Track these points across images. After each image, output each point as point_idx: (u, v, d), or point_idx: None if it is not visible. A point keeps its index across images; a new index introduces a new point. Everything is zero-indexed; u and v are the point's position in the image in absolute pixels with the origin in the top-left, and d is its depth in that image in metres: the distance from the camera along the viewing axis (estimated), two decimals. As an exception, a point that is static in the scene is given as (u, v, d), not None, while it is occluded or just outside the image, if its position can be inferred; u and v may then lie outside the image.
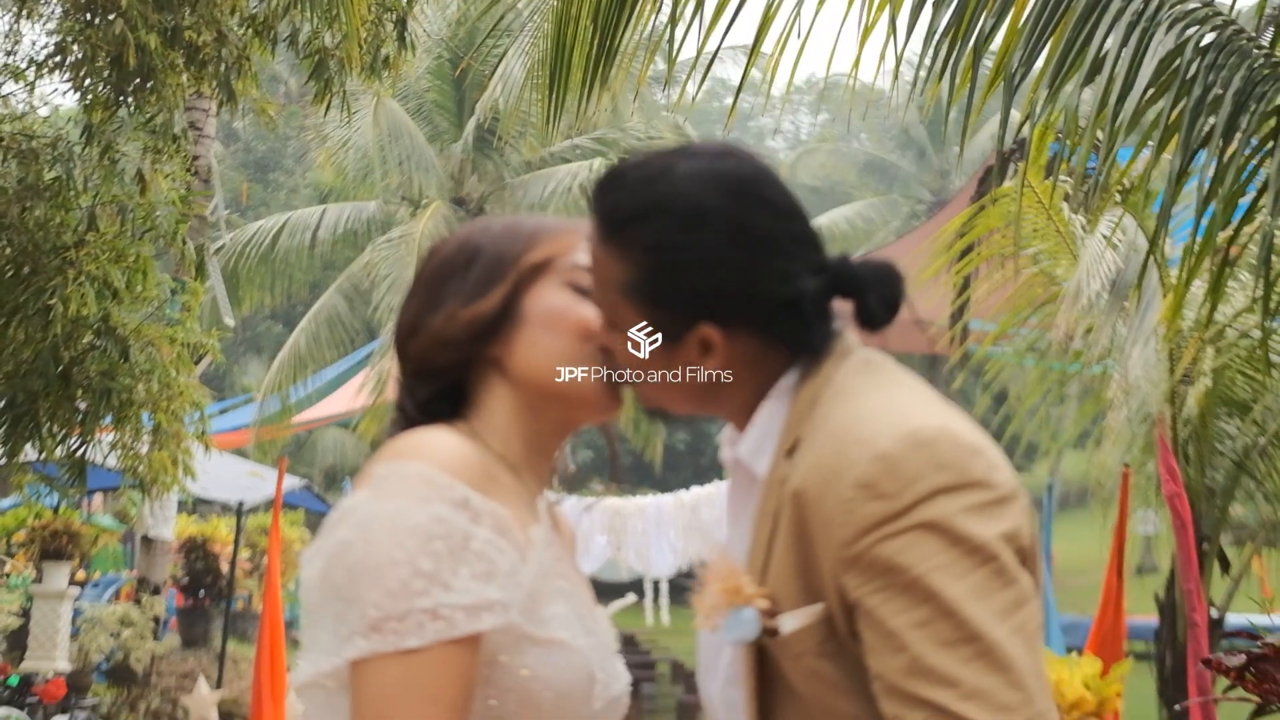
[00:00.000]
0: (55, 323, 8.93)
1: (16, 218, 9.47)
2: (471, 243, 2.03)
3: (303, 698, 1.83)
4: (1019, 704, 1.53)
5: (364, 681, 1.71)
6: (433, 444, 1.84)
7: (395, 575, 1.71)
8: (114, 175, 9.60)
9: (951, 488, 1.59)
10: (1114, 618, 9.60)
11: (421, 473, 1.78)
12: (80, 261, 9.18)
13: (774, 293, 1.78)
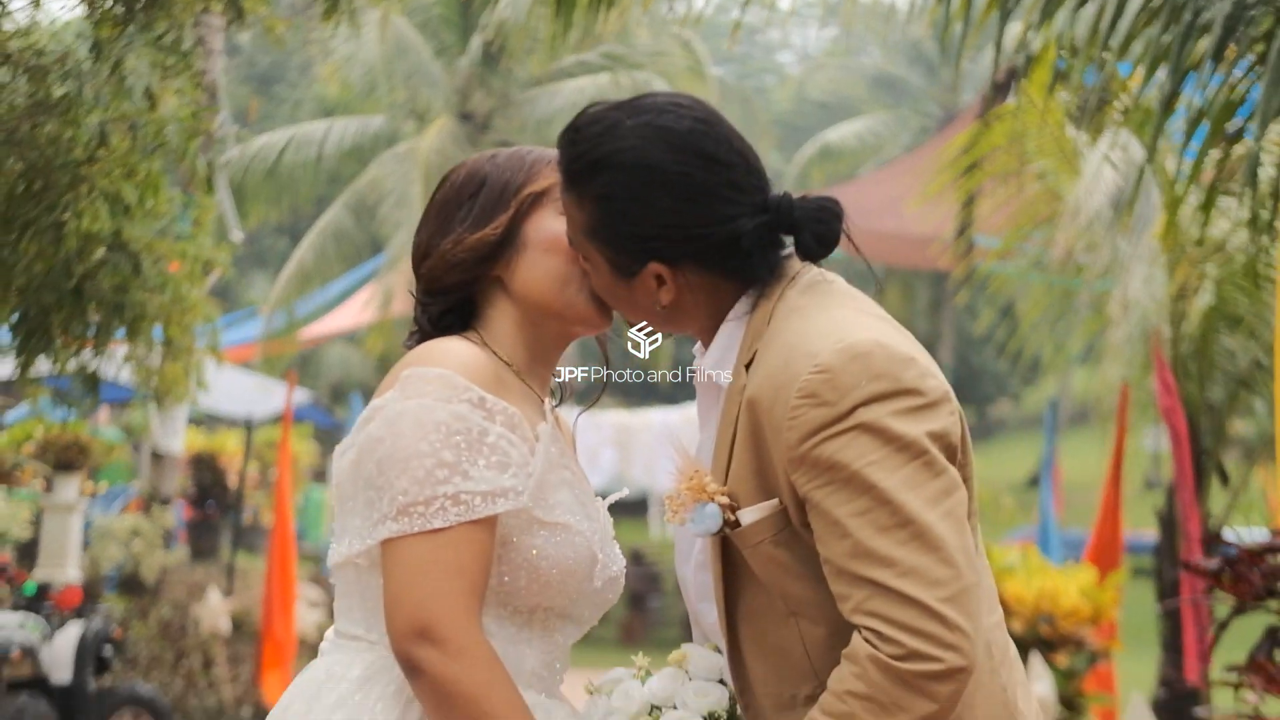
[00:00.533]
0: (69, 238, 9.06)
1: (27, 134, 9.55)
2: (479, 172, 2.22)
3: (335, 578, 2.06)
4: (949, 579, 1.73)
5: (394, 560, 1.95)
6: (450, 351, 2.10)
7: (421, 465, 1.97)
8: (124, 92, 9.68)
9: (884, 395, 1.79)
10: (1111, 530, 9.80)
11: (442, 376, 2.03)
12: (92, 178, 9.29)
13: (713, 234, 2.05)
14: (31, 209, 9.79)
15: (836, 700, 1.85)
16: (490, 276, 2.25)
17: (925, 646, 1.79)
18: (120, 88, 9.77)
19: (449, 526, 1.97)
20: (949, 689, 1.81)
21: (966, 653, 1.82)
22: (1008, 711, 1.99)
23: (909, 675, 1.80)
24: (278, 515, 12.60)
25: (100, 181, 9.47)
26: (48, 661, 9.42)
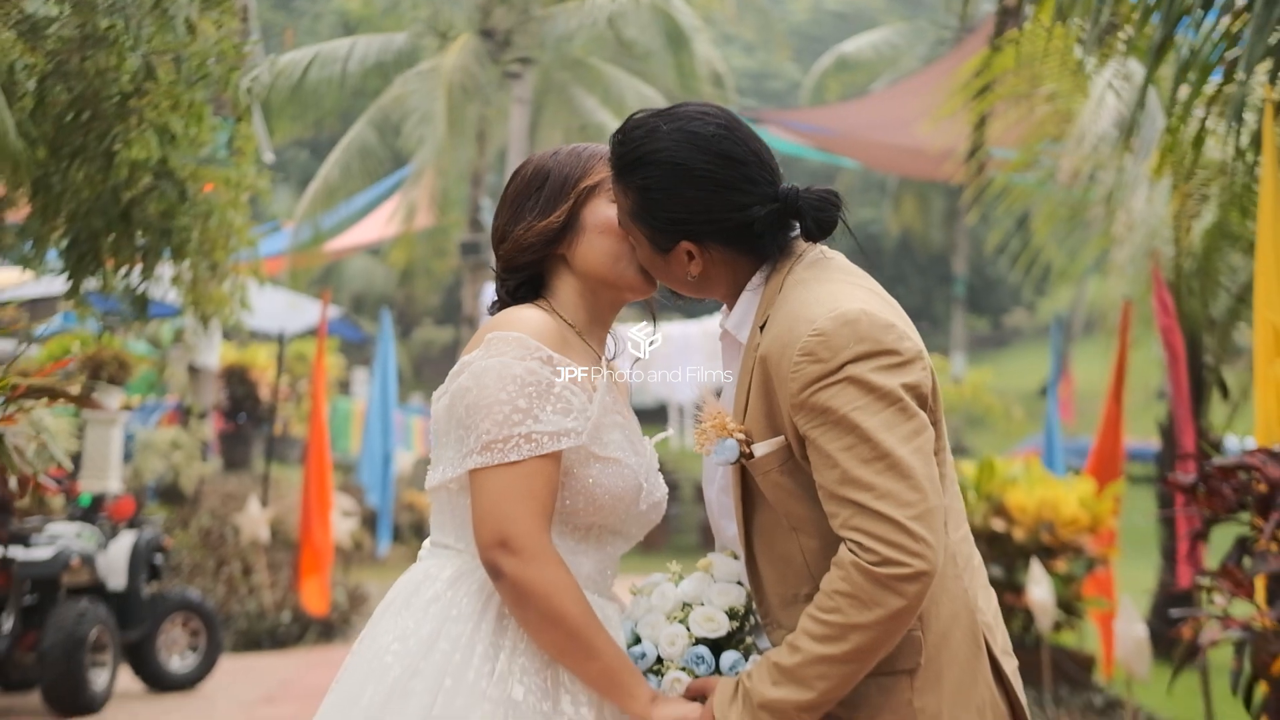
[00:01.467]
0: (119, 167, 9.48)
1: (77, 65, 9.95)
2: (543, 168, 2.69)
3: (431, 498, 2.55)
4: (917, 501, 2.21)
5: (479, 486, 2.44)
6: (524, 318, 2.58)
7: (500, 411, 2.46)
8: (167, 24, 10.05)
9: (867, 354, 2.27)
10: (1112, 443, 10.23)
11: (518, 338, 2.52)
12: (141, 109, 9.70)
13: (732, 219, 2.52)
14: (79, 138, 10.19)
15: (826, 598, 2.31)
16: (555, 255, 2.71)
17: (896, 554, 2.24)
18: (163, 20, 10.14)
19: (522, 460, 2.46)
20: (915, 588, 2.26)
21: (930, 560, 2.27)
22: (967, 609, 2.46)
23: (883, 577, 2.24)
24: (313, 428, 13.04)
25: (149, 113, 9.86)
26: (104, 569, 9.92)
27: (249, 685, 10.63)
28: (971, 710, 2.43)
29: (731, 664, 2.49)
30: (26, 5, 9.94)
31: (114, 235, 10.50)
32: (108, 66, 10.01)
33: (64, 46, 9.96)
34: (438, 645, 2.46)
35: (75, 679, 9.10)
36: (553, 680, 2.48)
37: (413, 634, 2.47)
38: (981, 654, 2.48)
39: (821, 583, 2.35)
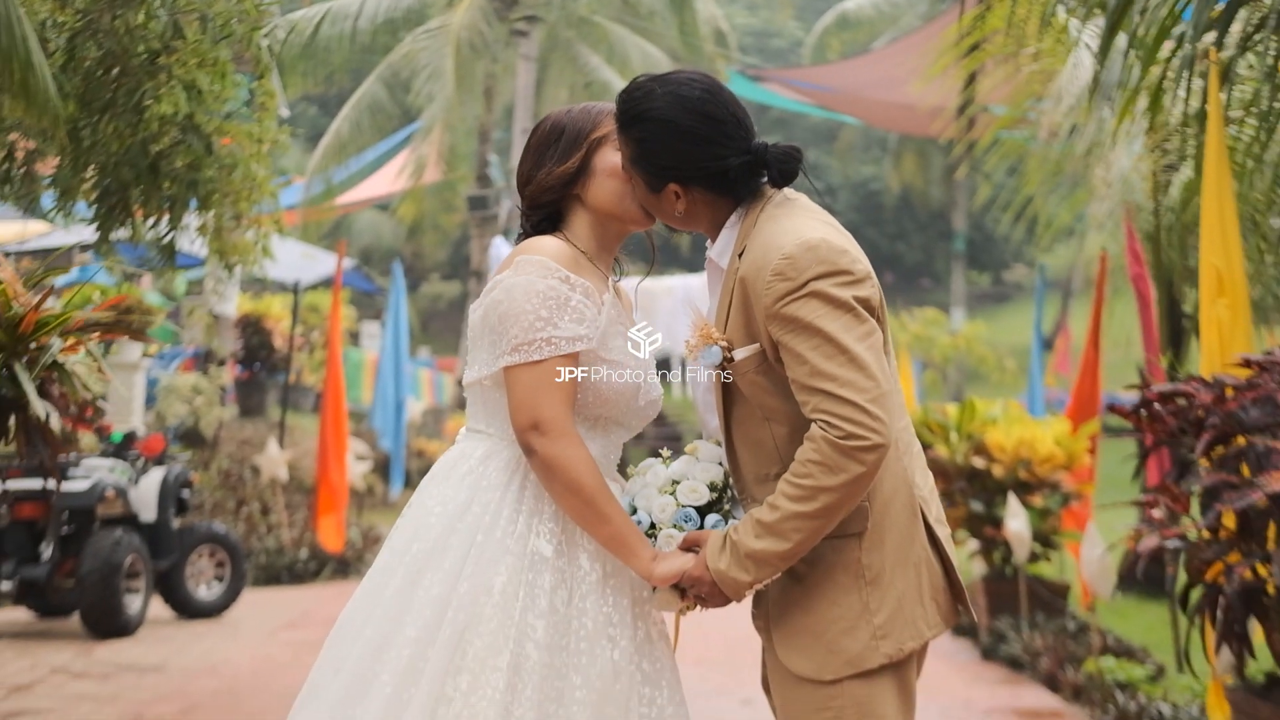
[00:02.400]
0: (150, 121, 10.00)
1: (109, 24, 10.45)
2: (560, 123, 3.23)
3: (467, 392, 3.11)
4: (872, 388, 2.75)
5: (512, 380, 3.00)
6: (545, 245, 3.13)
7: (526, 319, 3.00)
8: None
9: (826, 273, 2.81)
10: (1090, 384, 10.75)
11: (540, 261, 3.06)
12: (170, 66, 10.21)
13: (711, 167, 3.05)
14: (109, 93, 10.69)
15: (801, 466, 2.84)
16: (571, 194, 3.24)
17: (858, 430, 2.76)
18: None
19: (545, 359, 3.00)
20: (873, 457, 2.79)
21: (884, 434, 2.80)
22: (906, 484, 3.00)
23: (847, 448, 2.77)
24: (330, 374, 13.59)
25: (177, 70, 10.36)
26: (136, 502, 10.51)
27: (271, 614, 11.22)
28: (909, 566, 2.98)
29: (714, 524, 3.05)
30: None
31: (142, 187, 11.03)
32: (136, 24, 10.52)
33: (94, 5, 10.45)
34: (471, 509, 3.01)
35: (112, 603, 9.70)
36: (569, 541, 3.02)
37: (451, 500, 3.03)
38: (918, 521, 3.02)
39: (796, 454, 2.87)
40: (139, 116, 10.49)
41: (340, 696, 2.86)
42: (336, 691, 2.88)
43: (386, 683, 2.82)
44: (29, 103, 8.79)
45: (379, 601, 2.96)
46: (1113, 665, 7.74)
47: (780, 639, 2.96)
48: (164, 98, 10.29)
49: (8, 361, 5.58)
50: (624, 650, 2.94)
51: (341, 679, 2.89)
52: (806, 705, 2.91)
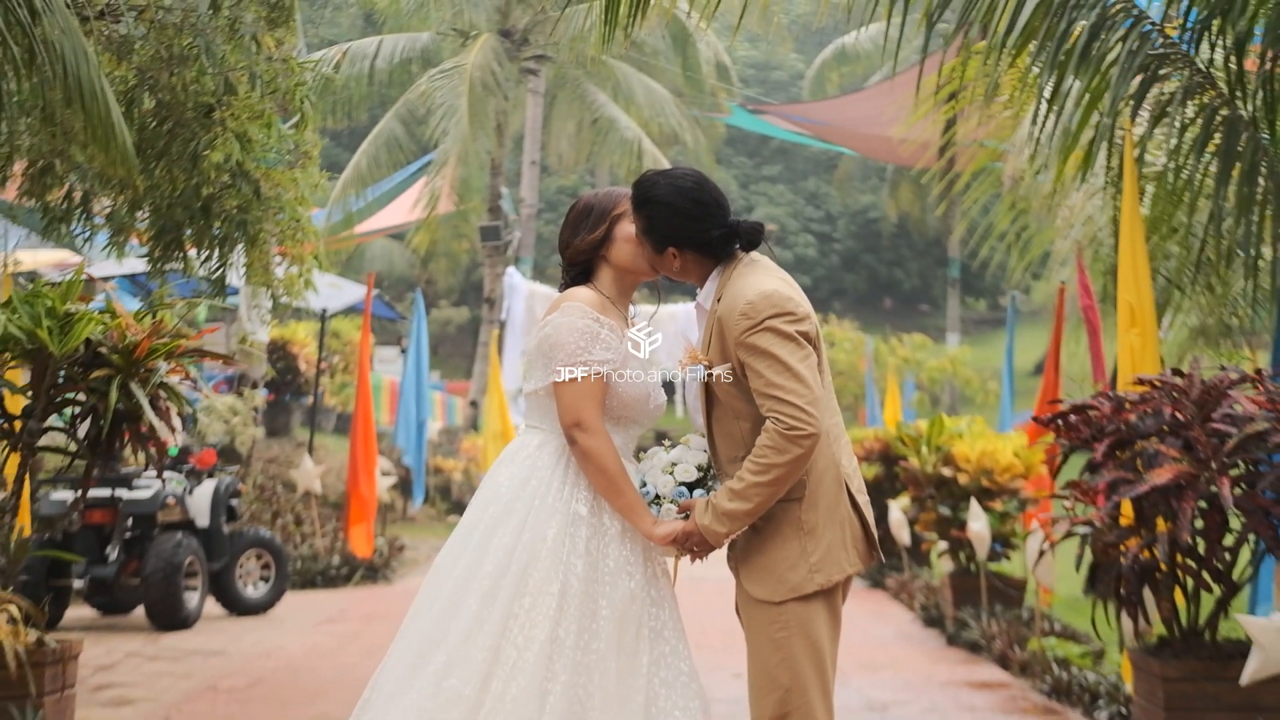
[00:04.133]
0: (208, 169, 11.22)
1: (167, 80, 11.66)
2: (589, 203, 4.41)
3: (526, 399, 4.28)
4: (807, 394, 3.92)
5: (560, 392, 4.16)
6: (581, 294, 4.30)
7: (569, 348, 4.15)
8: (239, 42, 11.77)
9: (777, 314, 3.98)
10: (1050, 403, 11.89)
11: (578, 306, 4.23)
12: (225, 119, 11.44)
13: (699, 237, 4.21)
14: (163, 141, 11.89)
15: (758, 449, 3.99)
16: (598, 256, 4.41)
17: (797, 423, 3.92)
18: (237, 40, 11.84)
19: (583, 377, 4.17)
20: (809, 443, 3.95)
21: (816, 426, 3.95)
22: (834, 464, 4.16)
23: (791, 435, 3.93)
24: (360, 397, 14.82)
25: (231, 123, 11.57)
26: (192, 509, 11.70)
27: (310, 612, 12.39)
28: (836, 522, 4.15)
29: (700, 495, 4.24)
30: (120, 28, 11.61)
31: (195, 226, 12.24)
32: (190, 80, 11.72)
33: (152, 63, 11.65)
34: (530, 482, 4.19)
35: (174, 599, 10.88)
36: (598, 505, 4.19)
37: (516, 476, 4.22)
38: (843, 491, 4.19)
39: (755, 443, 4.03)
40: (194, 163, 11.70)
41: (439, 615, 4.05)
42: (436, 612, 4.06)
43: (471, 604, 4.01)
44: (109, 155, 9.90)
45: (465, 549, 4.15)
46: (1053, 644, 8.92)
47: (745, 574, 4.15)
48: (218, 147, 11.51)
49: (124, 381, 6.78)
50: (637, 582, 4.12)
51: (439, 604, 4.07)
52: (763, 620, 4.10)
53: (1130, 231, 7.68)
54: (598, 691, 3.93)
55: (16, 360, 6.82)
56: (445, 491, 24.25)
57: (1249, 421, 6.26)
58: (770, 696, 4.06)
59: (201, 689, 8.46)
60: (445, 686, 3.89)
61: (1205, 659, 6.53)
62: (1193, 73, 7.80)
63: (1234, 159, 7.69)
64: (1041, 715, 7.87)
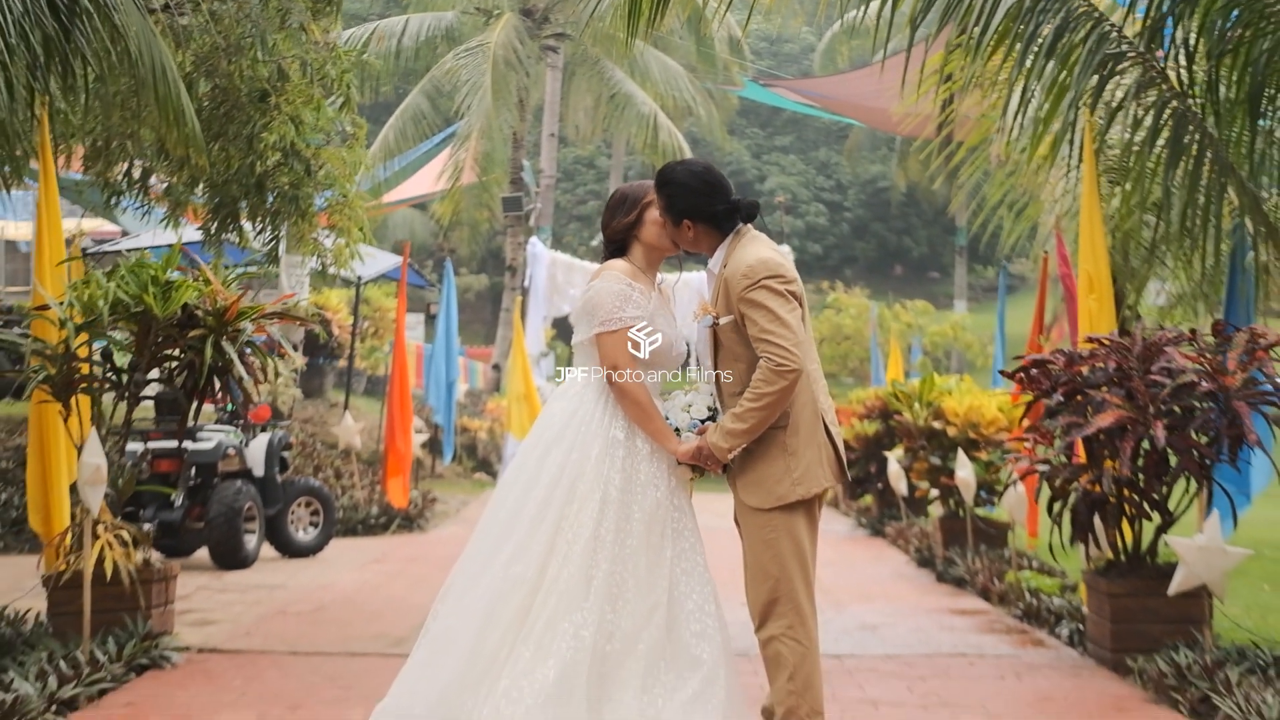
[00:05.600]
0: (266, 150, 12.31)
1: (225, 68, 12.74)
2: (625, 193, 5.47)
3: (575, 347, 5.36)
4: (791, 338, 4.98)
5: (601, 343, 5.23)
6: (617, 264, 5.37)
7: (607, 308, 5.21)
8: (289, 31, 12.84)
9: (770, 276, 5.04)
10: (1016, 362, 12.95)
11: (615, 274, 5.31)
12: (279, 104, 12.52)
13: (709, 212, 5.26)
14: (220, 124, 12.96)
15: (754, 383, 5.02)
16: (631, 235, 5.44)
17: (783, 361, 4.94)
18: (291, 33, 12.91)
19: (617, 330, 5.20)
20: (792, 377, 4.98)
21: (798, 364, 4.98)
22: (812, 400, 5.19)
23: (779, 370, 4.96)
24: (396, 360, 15.95)
25: (285, 107, 12.64)
26: (249, 459, 12.82)
27: (356, 554, 13.52)
28: (814, 446, 5.20)
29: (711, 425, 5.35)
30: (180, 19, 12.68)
31: (250, 201, 13.33)
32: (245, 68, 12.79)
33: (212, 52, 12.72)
34: (578, 413, 5.25)
35: (235, 540, 12.00)
36: (630, 433, 5.24)
37: (566, 409, 5.27)
38: (819, 422, 5.25)
39: (751, 379, 5.10)
40: (249, 144, 12.79)
41: (506, 517, 5.13)
42: (504, 515, 5.15)
43: (531, 509, 5.10)
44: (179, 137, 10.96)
45: (525, 466, 5.24)
46: (1028, 576, 10.02)
47: (741, 487, 5.22)
48: (273, 129, 12.61)
49: (217, 340, 7.89)
50: (663, 492, 5.20)
51: (506, 509, 5.16)
52: (756, 524, 5.19)
53: (1089, 210, 8.77)
54: (630, 577, 5.02)
55: (123, 322, 7.92)
56: (471, 450, 25.43)
57: (1181, 373, 7.34)
58: (763, 585, 5.15)
59: (272, 614, 9.58)
60: (511, 573, 4.99)
61: (1146, 578, 7.62)
62: (1146, 69, 8.85)
63: (1181, 147, 8.76)
64: (1011, 634, 8.95)
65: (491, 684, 4.81)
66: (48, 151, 8.36)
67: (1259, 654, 6.98)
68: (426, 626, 5.12)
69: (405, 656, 5.15)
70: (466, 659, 4.86)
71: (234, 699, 6.79)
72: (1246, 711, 5.95)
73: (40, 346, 7.78)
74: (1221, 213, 9.33)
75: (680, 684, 4.94)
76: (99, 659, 7.00)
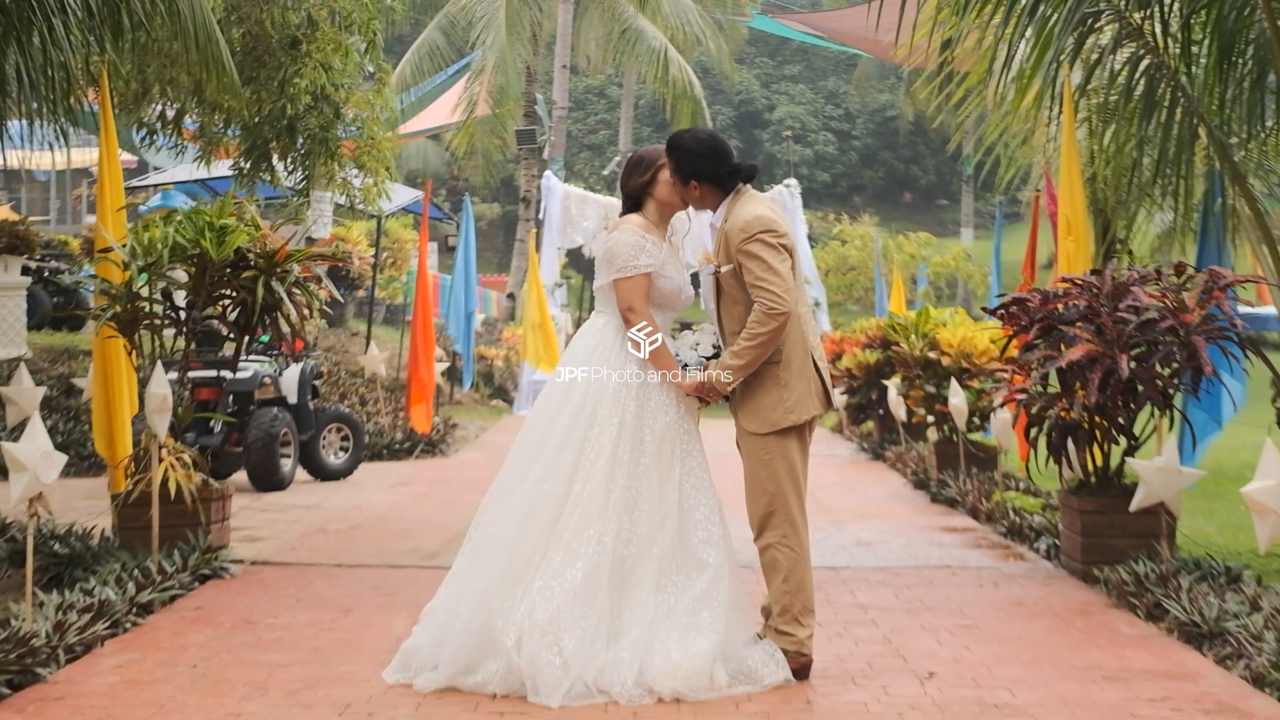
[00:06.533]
0: (299, 94, 13.02)
1: (256, 15, 13.44)
2: (641, 156, 6.20)
3: (597, 291, 6.11)
4: (782, 285, 5.74)
5: (619, 287, 5.98)
6: (633, 218, 6.13)
7: (624, 256, 5.96)
8: (320, -22, 13.52)
9: (765, 230, 5.80)
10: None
11: (630, 226, 6.06)
12: (310, 51, 13.23)
13: (712, 173, 6.00)
14: (253, 68, 13.68)
15: (749, 323, 5.72)
16: (646, 192, 6.15)
17: (774, 304, 5.67)
18: (320, -20, 13.55)
19: (633, 275, 5.91)
20: (782, 318, 5.70)
21: (787, 307, 5.69)
22: (802, 338, 5.92)
23: (771, 312, 5.68)
24: (419, 292, 16.67)
25: (315, 54, 13.35)
26: (283, 387, 13.58)
27: (384, 477, 14.32)
28: (804, 379, 5.93)
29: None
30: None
31: (282, 143, 14.06)
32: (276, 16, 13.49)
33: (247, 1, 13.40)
34: (598, 349, 5.97)
35: (271, 464, 12.78)
36: (644, 365, 6.00)
37: (588, 345, 5.98)
38: (808, 358, 5.97)
39: (748, 320, 5.84)
40: (281, 89, 13.50)
41: (536, 440, 5.88)
42: (534, 438, 5.90)
43: (559, 434, 5.85)
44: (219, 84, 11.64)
45: (552, 396, 5.99)
46: (1013, 497, 10.79)
47: (741, 415, 5.98)
48: (304, 74, 13.32)
49: (268, 280, 8.64)
50: (671, 418, 5.95)
51: (536, 432, 5.91)
52: (754, 447, 5.94)
53: (1068, 159, 9.46)
54: (645, 491, 5.79)
55: (180, 263, 8.67)
56: (488, 377, 26.24)
57: (1145, 311, 8.07)
58: (761, 499, 5.92)
59: (313, 530, 10.38)
60: (542, 488, 5.76)
61: (1113, 497, 8.37)
62: (1123, 25, 9.52)
63: (1155, 99, 9.45)
64: (995, 549, 9.73)
65: (527, 584, 5.60)
66: (107, 105, 9.04)
67: (1212, 564, 7.75)
68: (469, 535, 5.90)
69: (439, 569, 5.94)
70: (504, 563, 5.65)
71: (290, 604, 7.59)
72: (1190, 612, 6.73)
73: (106, 286, 8.54)
74: (1193, 160, 10.03)
75: (689, 583, 5.73)
76: (167, 569, 7.79)
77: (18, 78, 8.81)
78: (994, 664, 6.27)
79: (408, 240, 27.14)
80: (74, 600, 6.79)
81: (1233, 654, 6.17)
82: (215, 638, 6.77)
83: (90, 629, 6.46)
